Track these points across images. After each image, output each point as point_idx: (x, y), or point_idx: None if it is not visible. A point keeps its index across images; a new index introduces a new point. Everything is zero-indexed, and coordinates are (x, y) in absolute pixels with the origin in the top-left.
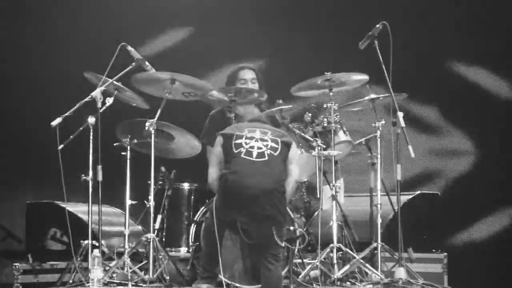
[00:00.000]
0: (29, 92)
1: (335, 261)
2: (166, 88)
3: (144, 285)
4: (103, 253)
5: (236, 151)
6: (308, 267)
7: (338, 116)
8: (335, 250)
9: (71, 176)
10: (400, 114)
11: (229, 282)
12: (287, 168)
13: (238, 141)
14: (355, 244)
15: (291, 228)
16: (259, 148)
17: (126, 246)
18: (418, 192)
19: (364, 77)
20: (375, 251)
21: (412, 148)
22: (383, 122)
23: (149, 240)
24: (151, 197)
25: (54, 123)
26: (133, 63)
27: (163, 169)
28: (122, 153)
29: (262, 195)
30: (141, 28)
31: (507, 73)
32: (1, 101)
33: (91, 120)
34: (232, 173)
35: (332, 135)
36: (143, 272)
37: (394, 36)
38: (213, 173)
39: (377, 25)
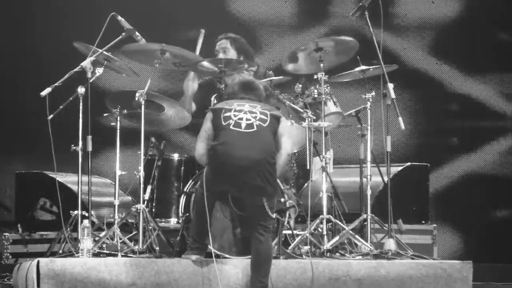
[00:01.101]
0: (18, 62)
1: (324, 232)
2: (156, 59)
3: (133, 255)
4: (92, 223)
5: (225, 123)
6: (297, 239)
7: (329, 87)
8: (324, 222)
9: (61, 146)
10: (391, 86)
11: (219, 253)
12: (279, 141)
13: (227, 114)
14: (344, 215)
15: (282, 199)
16: (247, 119)
17: (116, 217)
18: (408, 163)
19: (352, 39)
20: (365, 223)
21: (402, 120)
22: (373, 93)
23: (138, 210)
24: (141, 168)
25: (44, 93)
26: (123, 33)
27: (153, 139)
28: (112, 124)
29: (252, 165)
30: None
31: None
32: None
33: (81, 90)
34: (221, 144)
35: (322, 106)
36: (132, 242)
37: None
38: (201, 148)
39: None
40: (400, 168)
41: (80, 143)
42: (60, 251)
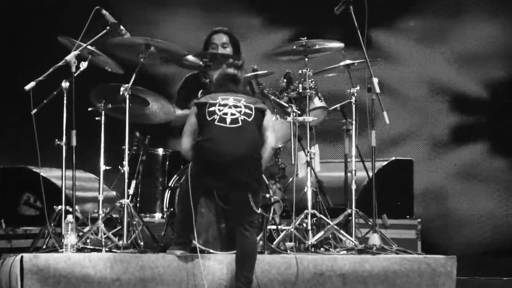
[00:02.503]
0: (1, 56)
1: (309, 227)
2: (140, 53)
3: (118, 250)
4: (76, 218)
5: (209, 119)
6: (282, 234)
7: (313, 82)
8: (309, 216)
9: (45, 141)
10: (375, 80)
11: (203, 248)
12: (263, 135)
13: (212, 108)
14: (329, 210)
15: (267, 195)
16: (232, 114)
17: (100, 212)
18: (393, 158)
19: (340, 44)
20: (350, 217)
21: (387, 114)
22: (358, 88)
23: (123, 205)
24: (125, 163)
25: (28, 87)
26: (108, 28)
27: (137, 134)
28: (96, 118)
29: (237, 161)
30: None
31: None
32: None
33: (65, 84)
34: (206, 140)
35: (307, 101)
36: (117, 237)
37: None
38: (186, 143)
39: None
40: (384, 163)
41: (64, 137)
42: (44, 246)
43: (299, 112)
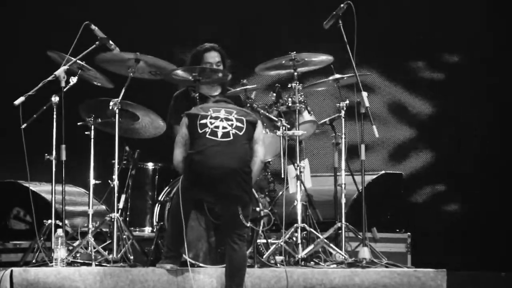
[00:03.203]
0: None
1: (299, 241)
2: (130, 67)
3: (108, 265)
4: (66, 232)
5: (201, 131)
6: (272, 247)
7: (303, 96)
8: (299, 230)
9: (34, 155)
10: (365, 94)
11: (193, 261)
12: (253, 148)
13: (203, 121)
14: (319, 224)
15: (257, 208)
16: (224, 128)
17: (90, 226)
18: (382, 172)
19: (329, 57)
20: (339, 231)
21: (376, 128)
22: (347, 102)
23: (113, 219)
24: (115, 177)
25: (17, 102)
26: (97, 42)
27: (127, 148)
28: (86, 133)
29: (227, 175)
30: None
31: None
32: None
33: (55, 99)
34: (197, 153)
35: (297, 115)
36: (107, 251)
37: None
38: (178, 154)
39: (342, 5)
40: (374, 177)
41: (54, 152)
42: (34, 261)
43: (288, 126)
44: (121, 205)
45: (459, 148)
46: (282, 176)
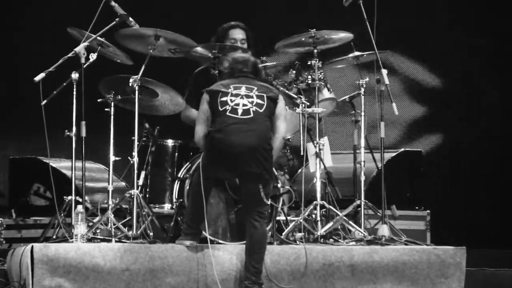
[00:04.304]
0: (11, 47)
1: (318, 218)
2: (150, 44)
3: (127, 241)
4: (86, 209)
5: (221, 109)
6: (291, 224)
7: (322, 74)
8: (318, 207)
9: (54, 131)
10: (384, 72)
11: (213, 238)
12: (274, 125)
13: (224, 98)
14: (338, 201)
15: (277, 185)
16: (244, 105)
17: (110, 202)
18: (402, 149)
19: (349, 35)
20: (359, 209)
21: (396, 106)
22: (367, 79)
23: (132, 196)
24: (134, 153)
25: (38, 78)
26: (117, 19)
27: (147, 125)
28: (106, 109)
29: (248, 152)
30: None
31: None
32: None
33: (75, 75)
34: (217, 131)
35: (316, 93)
36: (126, 228)
37: None
38: (199, 131)
39: None
40: (393, 154)
41: (74, 128)
42: (54, 237)
43: (308, 104)
44: (140, 182)
45: None
46: (302, 154)
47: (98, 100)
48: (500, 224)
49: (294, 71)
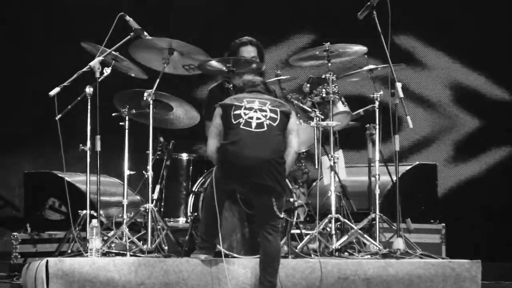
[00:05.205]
0: (26, 62)
1: (333, 231)
2: (164, 59)
3: (142, 255)
4: (101, 223)
5: (235, 122)
6: (306, 238)
7: (337, 87)
8: (333, 221)
9: (69, 146)
10: (399, 85)
11: (228, 252)
12: (287, 139)
13: (237, 111)
14: (353, 214)
15: (290, 199)
16: (258, 118)
17: (125, 216)
18: (416, 162)
19: (363, 48)
20: (373, 222)
21: (410, 119)
22: (382, 92)
23: (147, 210)
24: (149, 167)
25: (52, 92)
26: (132, 33)
27: (161, 139)
28: (120, 123)
29: (261, 165)
30: None
31: None
32: None
33: (89, 90)
34: (231, 143)
35: (331, 106)
36: (141, 242)
37: None
38: (212, 144)
39: None
40: (408, 167)
41: (89, 142)
42: (69, 251)
43: (322, 117)
44: (155, 196)
45: None
46: (316, 167)
47: (113, 114)
48: None
49: (308, 85)
